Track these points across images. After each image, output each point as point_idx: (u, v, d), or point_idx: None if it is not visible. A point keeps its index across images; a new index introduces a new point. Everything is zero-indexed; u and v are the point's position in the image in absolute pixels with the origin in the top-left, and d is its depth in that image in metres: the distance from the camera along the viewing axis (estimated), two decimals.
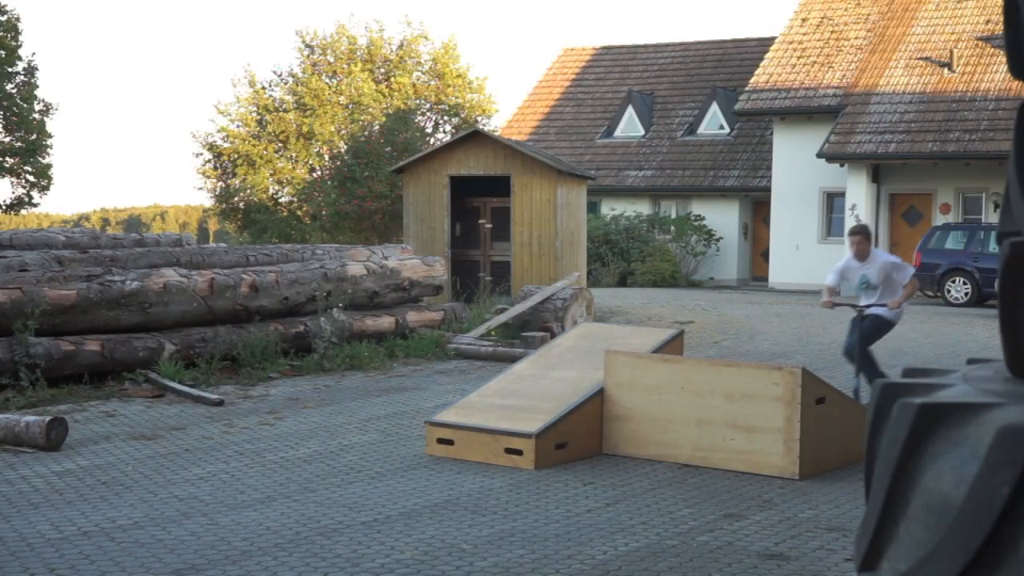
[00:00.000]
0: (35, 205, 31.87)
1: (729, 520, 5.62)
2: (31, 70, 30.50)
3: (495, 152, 17.25)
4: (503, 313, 13.65)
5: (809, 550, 5.12)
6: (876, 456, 1.29)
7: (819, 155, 24.83)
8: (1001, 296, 1.27)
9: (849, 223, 25.13)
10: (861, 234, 9.02)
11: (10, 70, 29.98)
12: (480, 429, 6.96)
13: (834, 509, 5.87)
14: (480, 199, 17.68)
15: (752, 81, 27.56)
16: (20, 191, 31.31)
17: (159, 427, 8.02)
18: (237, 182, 36.58)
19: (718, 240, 27.83)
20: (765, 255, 27.76)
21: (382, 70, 38.34)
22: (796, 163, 26.07)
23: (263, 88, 37.88)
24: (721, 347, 13.26)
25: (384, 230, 29.56)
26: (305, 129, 35.99)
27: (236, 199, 36.54)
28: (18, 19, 30.09)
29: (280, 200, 37.00)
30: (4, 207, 31.39)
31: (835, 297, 9.02)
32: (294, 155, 36.76)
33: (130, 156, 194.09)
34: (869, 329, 8.83)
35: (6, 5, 30.29)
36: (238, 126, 37.31)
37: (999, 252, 1.28)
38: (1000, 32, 13.93)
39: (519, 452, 6.76)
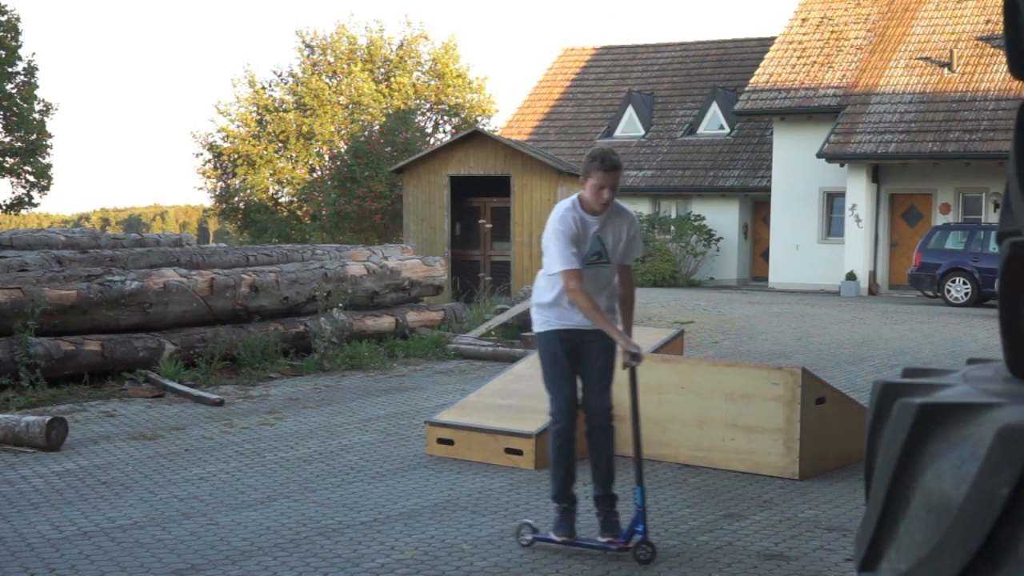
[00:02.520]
0: (35, 205, 31.89)
1: (729, 520, 5.62)
2: (31, 70, 30.49)
3: (495, 152, 17.25)
4: (503, 313, 13.65)
5: (809, 550, 5.12)
6: (876, 456, 1.29)
7: (819, 155, 24.82)
8: (1001, 296, 1.27)
9: (849, 223, 25.14)
10: (617, 170, 5.17)
11: (10, 70, 29.98)
12: (480, 429, 6.96)
13: (834, 509, 5.87)
14: (480, 199, 17.68)
15: (752, 81, 27.55)
16: (20, 191, 31.33)
17: (159, 427, 8.01)
18: (237, 182, 36.57)
19: (718, 240, 27.82)
20: (765, 255, 27.75)
21: (382, 70, 38.32)
22: (796, 163, 26.07)
23: (263, 88, 37.86)
24: (721, 347, 13.25)
25: (384, 230, 29.56)
26: (305, 129, 35.98)
27: (236, 199, 36.52)
28: (18, 19, 30.10)
29: (280, 200, 36.98)
30: (4, 207, 31.39)
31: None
32: (294, 155, 36.74)
33: (130, 156, 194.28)
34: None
35: (6, 5, 30.30)
36: (238, 126, 37.29)
37: (999, 252, 1.28)
38: (1000, 32, 13.93)
39: (519, 452, 6.77)
